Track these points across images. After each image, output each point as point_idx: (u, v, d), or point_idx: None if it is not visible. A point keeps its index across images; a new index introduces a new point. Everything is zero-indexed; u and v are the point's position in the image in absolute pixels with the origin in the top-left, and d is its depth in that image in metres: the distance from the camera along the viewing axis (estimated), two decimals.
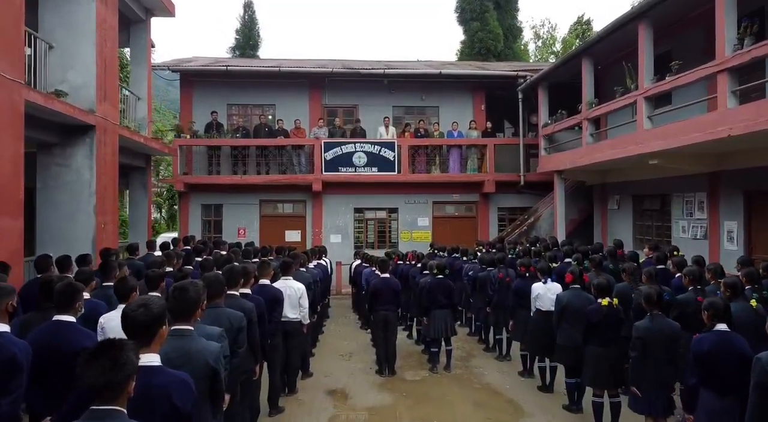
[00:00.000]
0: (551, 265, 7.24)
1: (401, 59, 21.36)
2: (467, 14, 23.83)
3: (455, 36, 76.73)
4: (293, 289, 6.01)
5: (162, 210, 27.71)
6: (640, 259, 7.85)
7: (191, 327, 2.89)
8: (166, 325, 2.41)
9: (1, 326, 3.16)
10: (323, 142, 13.92)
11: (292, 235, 14.57)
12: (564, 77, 12.76)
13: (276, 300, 5.40)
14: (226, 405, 3.54)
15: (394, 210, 14.98)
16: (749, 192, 8.60)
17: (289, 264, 6.27)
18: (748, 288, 5.11)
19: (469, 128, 14.80)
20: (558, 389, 6.33)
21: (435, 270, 7.32)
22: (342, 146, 14.02)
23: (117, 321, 2.84)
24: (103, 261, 6.03)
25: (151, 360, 2.31)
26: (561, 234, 12.52)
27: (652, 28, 9.20)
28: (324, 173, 13.93)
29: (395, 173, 14.08)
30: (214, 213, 14.62)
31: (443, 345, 7.37)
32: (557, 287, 6.35)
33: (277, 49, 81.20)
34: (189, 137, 14.02)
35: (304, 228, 14.72)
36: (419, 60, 21.17)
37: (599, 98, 11.40)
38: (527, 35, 32.79)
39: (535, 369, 6.83)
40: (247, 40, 26.05)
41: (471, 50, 23.63)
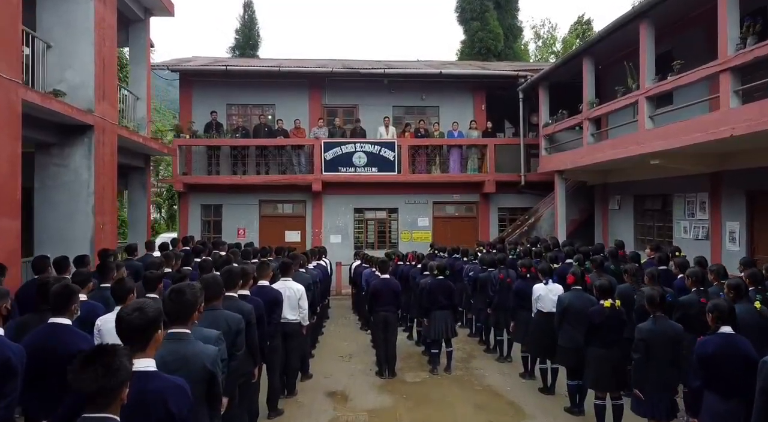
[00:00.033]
0: (552, 266, 7.21)
1: (401, 59, 21.33)
2: (467, 14, 23.80)
3: (455, 36, 76.79)
4: (292, 290, 5.97)
5: (162, 210, 27.66)
6: (641, 260, 7.81)
7: (188, 331, 2.84)
8: (161, 329, 2.36)
9: None
10: (323, 142, 13.87)
11: (291, 236, 14.53)
12: (565, 77, 12.71)
13: (275, 301, 5.35)
14: (224, 409, 3.50)
15: (394, 210, 14.93)
16: (751, 192, 8.56)
17: (289, 265, 6.23)
18: (751, 289, 5.07)
19: (470, 128, 14.76)
20: (559, 391, 6.28)
21: (435, 271, 7.28)
22: (342, 146, 13.97)
23: (114, 324, 2.79)
24: (101, 262, 5.99)
25: (147, 365, 2.26)
26: (562, 234, 12.48)
27: (653, 27, 9.16)
28: (324, 173, 13.89)
29: (395, 173, 14.04)
30: (213, 214, 14.58)
31: (444, 347, 7.34)
32: (558, 288, 6.31)
33: (277, 49, 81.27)
34: (188, 137, 13.98)
35: (303, 228, 14.67)
36: (419, 60, 21.14)
37: (600, 98, 11.35)
38: (527, 35, 32.80)
39: (537, 371, 6.79)
40: (247, 39, 26.01)
41: (471, 50, 23.60)
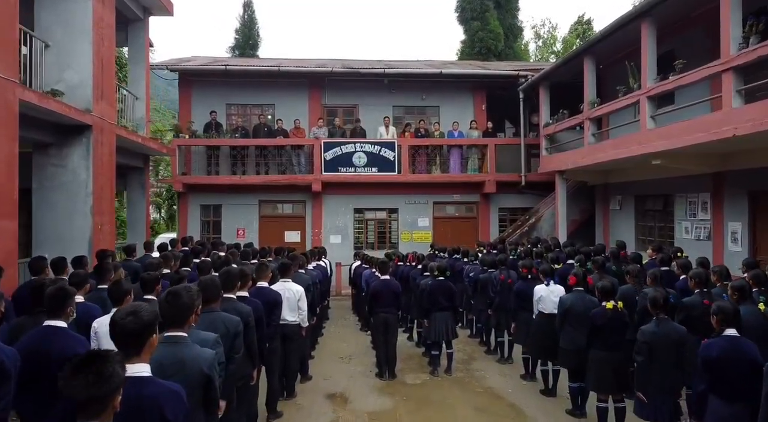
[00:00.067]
0: (553, 267, 7.15)
1: (401, 59, 21.28)
2: (467, 14, 23.76)
3: (455, 35, 76.69)
4: (292, 292, 5.93)
5: (161, 210, 27.60)
6: (643, 261, 7.76)
7: (185, 334, 2.80)
8: (156, 334, 2.31)
9: None
10: (323, 141, 13.82)
11: (291, 236, 14.47)
12: (565, 77, 12.66)
13: (274, 302, 5.31)
14: (221, 413, 3.45)
15: (394, 210, 14.88)
16: (754, 192, 8.51)
17: (288, 266, 6.19)
18: (755, 291, 5.01)
19: (470, 128, 14.71)
20: (561, 393, 6.23)
21: (436, 271, 7.22)
22: (342, 146, 13.92)
23: None
24: (99, 263, 5.93)
25: (141, 370, 2.20)
26: (562, 234, 12.43)
27: (655, 26, 9.11)
28: (324, 173, 13.83)
29: (395, 173, 13.99)
30: (213, 214, 14.52)
31: (444, 348, 7.29)
32: (560, 289, 6.26)
33: (277, 49, 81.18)
34: (188, 137, 13.93)
35: (303, 228, 14.62)
36: (419, 59, 21.09)
37: (601, 98, 11.30)
38: (528, 35, 32.74)
39: (538, 373, 6.73)
40: (247, 39, 25.97)
41: (471, 50, 23.55)
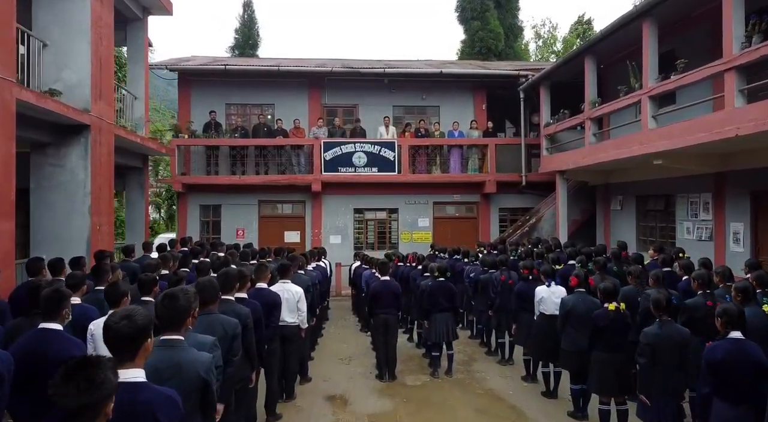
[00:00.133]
0: (554, 267, 7.10)
1: (401, 58, 21.24)
2: (468, 13, 23.71)
3: (456, 35, 76.63)
4: (291, 293, 5.88)
5: (161, 210, 27.54)
6: (644, 261, 7.71)
7: (181, 337, 2.74)
8: (151, 338, 2.26)
9: None
10: (323, 141, 13.77)
11: (291, 236, 14.42)
12: (566, 76, 12.61)
13: (273, 304, 5.26)
14: (219, 416, 3.40)
15: (394, 210, 14.83)
16: (756, 192, 8.45)
17: (287, 267, 6.14)
18: (758, 292, 4.97)
19: (470, 128, 14.66)
20: (563, 395, 6.18)
21: (436, 272, 7.18)
22: (342, 146, 13.87)
23: None
24: (96, 264, 5.87)
25: (135, 375, 2.15)
26: (563, 235, 12.38)
27: (656, 26, 9.05)
28: (323, 173, 13.78)
29: (395, 173, 13.94)
30: (212, 214, 14.47)
31: (444, 349, 7.24)
32: (561, 290, 6.21)
33: (277, 49, 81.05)
34: (187, 137, 13.87)
35: (303, 229, 14.57)
36: (419, 59, 21.05)
37: (602, 97, 11.25)
38: (528, 35, 32.68)
39: (539, 375, 6.68)
40: (247, 39, 25.91)
41: (471, 49, 23.51)
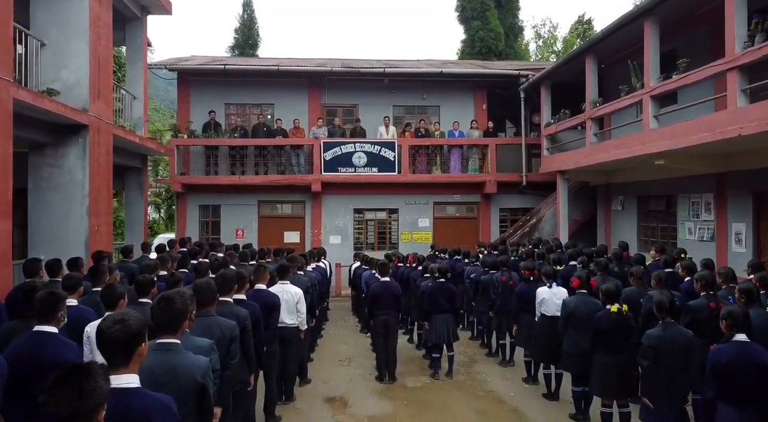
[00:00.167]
0: (556, 268, 7.04)
1: (401, 58, 21.19)
2: (468, 13, 23.69)
3: (456, 35, 76.61)
4: (290, 294, 5.84)
5: (161, 210, 27.48)
6: (646, 262, 7.66)
7: (177, 341, 2.70)
8: (146, 342, 2.21)
9: None
10: (322, 141, 13.72)
11: (291, 236, 14.38)
12: (567, 76, 12.56)
13: (272, 305, 5.22)
14: (216, 419, 3.35)
15: (394, 211, 14.78)
16: (758, 193, 8.41)
17: (286, 268, 6.09)
18: (762, 293, 4.92)
19: (471, 128, 14.61)
20: (564, 397, 6.13)
21: (436, 273, 7.13)
22: (341, 146, 13.82)
23: None
24: (94, 265, 5.82)
25: (129, 381, 2.10)
26: (564, 235, 12.34)
27: (658, 25, 9.00)
28: (323, 173, 13.74)
29: (395, 173, 13.89)
30: (212, 214, 14.42)
31: (445, 351, 7.19)
32: (563, 292, 6.16)
33: (277, 49, 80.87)
34: (186, 137, 13.82)
35: (303, 229, 14.52)
36: (420, 59, 21.00)
37: (603, 97, 11.20)
38: (528, 34, 32.64)
39: (540, 376, 6.63)
40: (247, 39, 25.87)
41: (472, 49, 23.48)
